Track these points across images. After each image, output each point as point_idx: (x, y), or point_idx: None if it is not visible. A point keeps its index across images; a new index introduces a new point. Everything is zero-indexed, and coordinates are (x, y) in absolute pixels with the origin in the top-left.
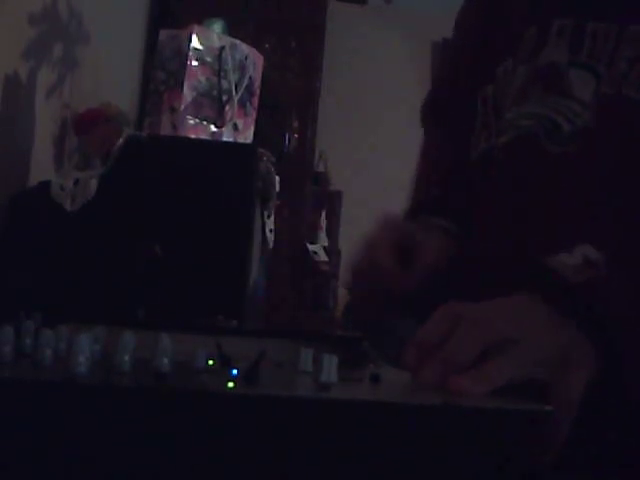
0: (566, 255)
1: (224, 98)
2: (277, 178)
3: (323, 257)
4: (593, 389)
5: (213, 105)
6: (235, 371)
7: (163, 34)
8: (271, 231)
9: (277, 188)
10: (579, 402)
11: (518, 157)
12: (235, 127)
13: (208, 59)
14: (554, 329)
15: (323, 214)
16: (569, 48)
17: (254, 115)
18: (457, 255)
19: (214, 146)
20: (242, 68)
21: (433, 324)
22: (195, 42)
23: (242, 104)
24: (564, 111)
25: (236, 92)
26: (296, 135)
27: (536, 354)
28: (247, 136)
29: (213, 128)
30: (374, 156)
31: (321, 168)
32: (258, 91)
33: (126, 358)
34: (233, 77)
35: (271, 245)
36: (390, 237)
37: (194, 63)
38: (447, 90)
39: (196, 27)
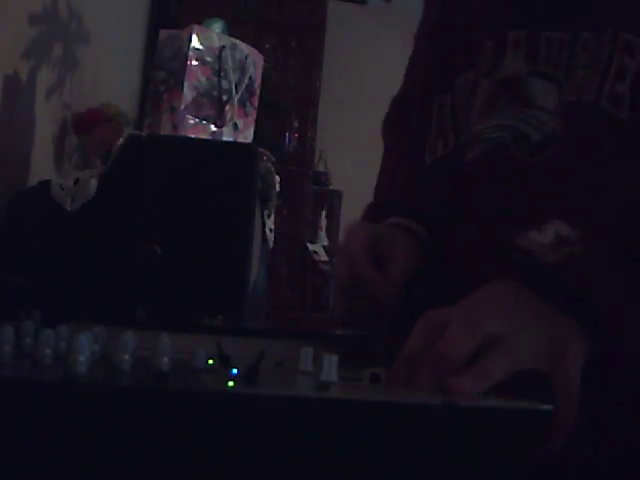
0: (536, 233)
1: (224, 98)
2: (277, 178)
3: (323, 257)
4: (589, 368)
5: (213, 105)
6: (235, 371)
7: (163, 34)
8: (271, 231)
9: (277, 188)
10: (577, 388)
11: (490, 169)
12: (235, 127)
13: (208, 59)
14: (540, 316)
15: (323, 214)
16: (526, 58)
17: (254, 115)
18: (431, 256)
19: (214, 146)
20: (242, 68)
21: (418, 334)
22: (195, 42)
23: (242, 104)
24: (531, 121)
25: (236, 92)
26: (296, 135)
27: (528, 345)
28: (247, 136)
29: (213, 128)
30: (374, 156)
31: (321, 168)
32: (258, 91)
33: (126, 358)
34: (233, 77)
35: (271, 245)
36: (364, 246)
37: (194, 63)
38: (404, 102)
39: (196, 27)
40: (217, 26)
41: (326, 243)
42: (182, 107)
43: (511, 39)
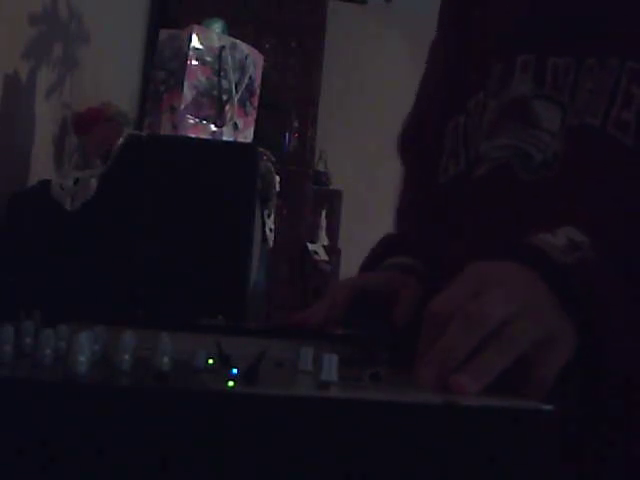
0: (549, 236)
1: (224, 98)
2: (277, 178)
3: (323, 256)
4: (573, 367)
5: (213, 105)
6: (235, 370)
7: (163, 34)
8: (271, 230)
9: (277, 188)
10: (552, 381)
11: (495, 187)
12: (235, 126)
13: (208, 59)
14: (546, 305)
15: (323, 214)
16: (533, 82)
17: (254, 115)
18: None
19: (214, 146)
20: (242, 68)
21: (423, 332)
22: (195, 42)
23: (242, 104)
24: (534, 142)
25: (236, 92)
26: (296, 135)
27: (529, 333)
28: (247, 136)
29: (213, 128)
30: (374, 156)
31: (321, 168)
32: (258, 91)
33: (126, 358)
34: (233, 77)
35: (271, 245)
36: (350, 290)
37: (194, 63)
38: (419, 123)
39: (196, 27)
40: (217, 26)
41: (326, 243)
42: (182, 107)
43: (520, 63)
